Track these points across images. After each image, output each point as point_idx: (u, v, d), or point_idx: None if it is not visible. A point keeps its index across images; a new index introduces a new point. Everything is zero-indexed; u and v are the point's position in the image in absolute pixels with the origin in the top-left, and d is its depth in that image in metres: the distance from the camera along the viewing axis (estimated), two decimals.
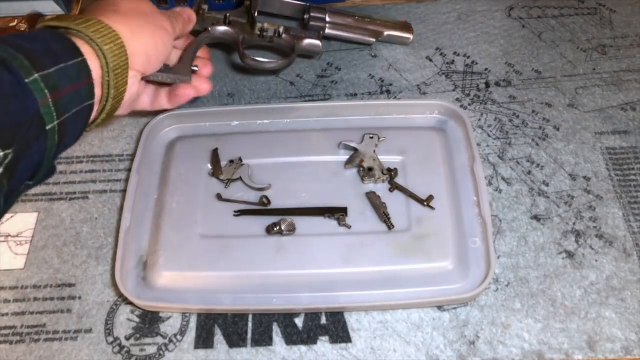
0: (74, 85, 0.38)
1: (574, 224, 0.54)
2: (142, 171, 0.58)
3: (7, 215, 0.58)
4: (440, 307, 0.50)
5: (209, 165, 0.58)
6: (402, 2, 0.75)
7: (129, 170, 0.60)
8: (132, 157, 0.61)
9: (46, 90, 0.35)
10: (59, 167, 0.62)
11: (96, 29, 0.40)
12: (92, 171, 0.61)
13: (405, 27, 0.68)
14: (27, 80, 0.34)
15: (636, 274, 0.51)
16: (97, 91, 0.40)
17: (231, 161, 0.58)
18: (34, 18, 0.72)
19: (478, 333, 0.49)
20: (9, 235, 0.57)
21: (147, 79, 0.49)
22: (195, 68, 0.55)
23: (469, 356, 0.48)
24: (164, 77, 0.51)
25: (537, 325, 0.49)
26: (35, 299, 0.53)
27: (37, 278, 0.54)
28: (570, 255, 0.53)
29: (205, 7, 0.59)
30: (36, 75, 0.35)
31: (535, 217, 0.55)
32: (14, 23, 0.70)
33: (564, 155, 0.59)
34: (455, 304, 0.50)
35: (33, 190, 0.60)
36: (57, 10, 0.75)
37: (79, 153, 0.63)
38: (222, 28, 0.60)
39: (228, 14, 0.60)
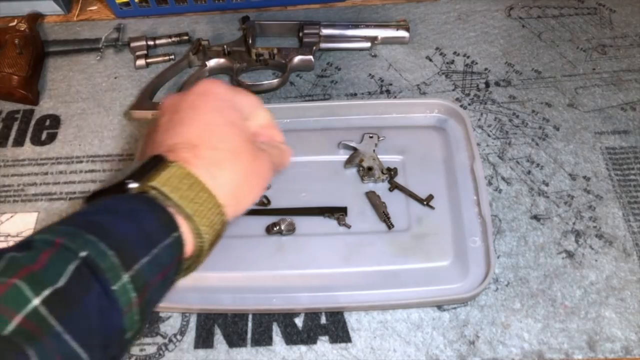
0: (164, 271, 0.33)
1: (574, 224, 0.54)
2: None
3: (7, 215, 0.58)
4: (440, 307, 0.50)
5: None
6: (402, 2, 0.75)
7: None
8: (132, 157, 0.61)
9: (134, 295, 0.30)
10: (59, 167, 0.62)
11: (198, 208, 0.34)
12: (92, 171, 0.61)
13: (401, 26, 0.68)
14: (114, 287, 0.29)
15: (636, 274, 0.51)
16: (185, 261, 0.35)
17: None
18: (34, 18, 0.72)
19: (478, 333, 0.49)
20: (9, 235, 0.57)
21: None
22: None
23: (469, 356, 0.48)
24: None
25: (537, 325, 0.49)
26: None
27: None
28: (570, 255, 0.53)
29: (206, 42, 0.67)
30: (125, 277, 0.30)
31: (535, 217, 0.55)
32: (14, 23, 0.70)
33: (564, 155, 0.59)
34: (455, 303, 0.50)
35: (33, 190, 0.60)
36: (57, 10, 0.75)
37: (79, 153, 0.63)
38: (216, 61, 0.67)
39: (226, 46, 0.67)
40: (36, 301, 0.27)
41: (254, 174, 0.40)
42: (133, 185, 0.34)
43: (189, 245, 0.35)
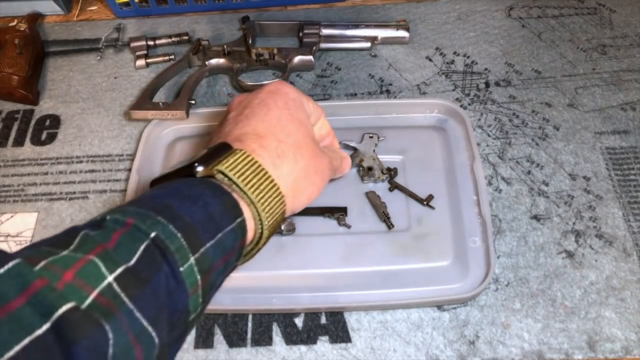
0: (227, 256, 0.34)
1: (574, 224, 0.54)
2: (142, 171, 0.58)
3: (7, 215, 0.58)
4: (440, 307, 0.50)
5: None
6: (402, 2, 0.75)
7: (129, 170, 0.60)
8: (132, 157, 0.61)
9: (199, 276, 0.31)
10: (59, 167, 0.62)
11: (261, 194, 0.36)
12: (92, 171, 0.61)
13: (401, 26, 0.68)
14: (181, 269, 0.30)
15: (636, 274, 0.51)
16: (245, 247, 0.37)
17: None
18: (34, 18, 0.72)
19: (478, 333, 0.49)
20: (9, 235, 0.57)
21: None
22: (193, 102, 0.60)
23: (469, 356, 0.48)
24: None
25: (537, 325, 0.49)
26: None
27: None
28: (570, 255, 0.53)
29: (206, 42, 0.67)
30: (192, 259, 0.31)
31: (535, 217, 0.55)
32: (14, 23, 0.70)
33: (564, 155, 0.59)
34: (455, 303, 0.50)
35: (33, 190, 0.60)
36: (57, 10, 0.75)
37: (79, 153, 0.63)
38: (216, 61, 0.67)
39: (226, 46, 0.67)
40: (110, 278, 0.27)
41: (314, 171, 0.41)
42: (200, 168, 0.35)
43: (250, 232, 0.36)
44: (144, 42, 0.70)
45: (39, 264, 0.26)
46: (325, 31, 0.69)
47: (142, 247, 0.29)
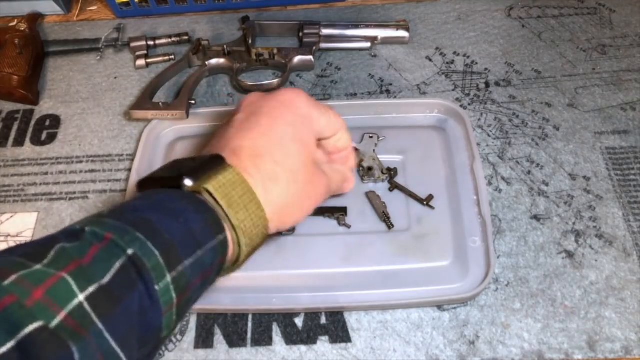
0: (206, 272, 0.33)
1: (574, 224, 0.54)
2: (142, 171, 0.58)
3: (7, 215, 0.58)
4: (440, 307, 0.50)
5: None
6: (402, 2, 0.75)
7: (129, 170, 0.60)
8: (132, 157, 0.61)
9: (174, 294, 0.30)
10: (59, 167, 0.62)
11: (244, 219, 0.35)
12: (92, 171, 0.61)
13: (401, 26, 0.68)
14: (157, 287, 0.29)
15: (636, 274, 0.51)
16: (225, 263, 0.36)
17: None
18: (34, 18, 0.72)
19: (478, 333, 0.49)
20: (9, 235, 0.57)
21: None
22: (193, 102, 0.60)
23: (469, 356, 0.48)
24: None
25: (537, 325, 0.49)
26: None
27: None
28: (570, 255, 0.53)
29: (206, 42, 0.67)
30: (169, 277, 0.30)
31: (535, 217, 0.55)
32: (14, 23, 0.70)
33: (564, 155, 0.59)
34: (455, 303, 0.50)
35: (33, 190, 0.60)
36: (57, 10, 0.75)
37: (79, 153, 0.63)
38: (216, 61, 0.67)
39: (226, 46, 0.67)
40: (81, 297, 0.27)
41: (306, 197, 0.40)
42: (189, 183, 0.34)
43: (230, 250, 0.35)
44: (144, 42, 0.70)
45: (10, 277, 0.26)
46: (325, 31, 0.69)
47: (118, 264, 0.28)
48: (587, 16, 0.72)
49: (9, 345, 0.24)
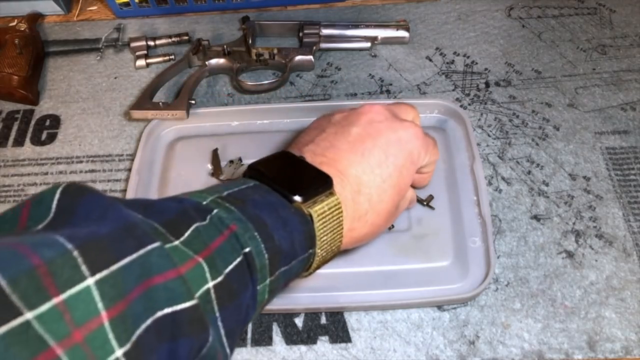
0: (290, 279, 0.35)
1: (574, 224, 0.54)
2: (142, 171, 0.58)
3: None
4: (440, 307, 0.50)
5: (209, 166, 0.58)
6: (402, 2, 0.75)
7: (129, 170, 0.60)
8: (132, 157, 0.61)
9: (266, 297, 0.32)
10: (59, 167, 0.62)
11: (326, 242, 0.36)
12: (92, 171, 0.61)
13: (401, 26, 0.69)
14: (258, 288, 0.31)
15: (636, 274, 0.51)
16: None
17: (231, 161, 0.58)
18: (34, 18, 0.72)
19: (478, 333, 0.49)
20: None
21: None
22: (193, 102, 0.60)
23: (469, 356, 0.48)
24: None
25: (537, 325, 0.49)
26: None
27: None
28: (570, 255, 0.53)
29: (206, 42, 0.67)
30: (267, 281, 0.32)
31: (535, 217, 0.55)
32: (14, 23, 0.70)
33: (564, 155, 0.59)
34: (455, 304, 0.50)
35: (33, 190, 0.60)
36: (57, 10, 0.75)
37: (79, 153, 0.63)
38: (216, 61, 0.67)
39: (226, 46, 0.67)
40: (210, 284, 0.28)
41: (378, 230, 0.42)
42: (298, 199, 0.35)
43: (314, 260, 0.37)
44: (144, 42, 0.70)
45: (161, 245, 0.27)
46: (325, 31, 0.69)
47: (237, 260, 0.30)
48: (587, 16, 0.72)
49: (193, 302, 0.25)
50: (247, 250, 0.30)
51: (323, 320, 0.50)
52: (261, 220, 0.32)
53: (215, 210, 0.31)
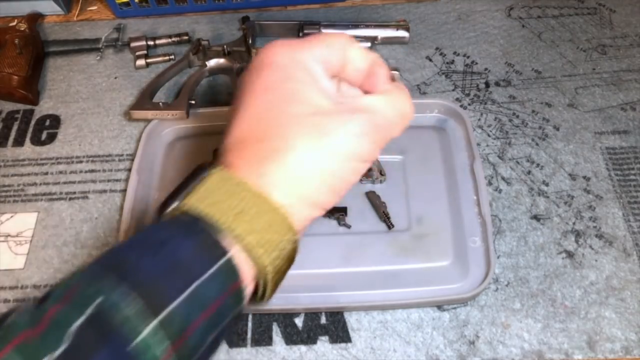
0: (213, 306, 0.27)
1: (574, 224, 0.54)
2: (142, 171, 0.58)
3: (7, 215, 0.58)
4: (440, 307, 0.50)
5: None
6: (402, 2, 0.75)
7: (129, 170, 0.60)
8: (132, 157, 0.61)
9: (167, 343, 0.25)
10: (59, 167, 0.62)
11: (242, 217, 0.27)
12: (92, 171, 0.61)
13: (401, 26, 0.68)
14: (134, 343, 0.24)
15: (636, 274, 0.51)
16: (249, 290, 0.29)
17: None
18: (34, 18, 0.72)
19: (478, 333, 0.49)
20: (9, 235, 0.57)
21: None
22: (193, 102, 0.60)
23: (469, 356, 0.48)
24: None
25: (537, 325, 0.49)
26: (35, 299, 0.53)
27: (37, 278, 0.54)
28: (570, 255, 0.53)
29: (206, 42, 0.67)
30: (152, 325, 0.24)
31: (535, 217, 0.55)
32: (14, 23, 0.70)
33: (564, 155, 0.59)
34: (455, 303, 0.50)
35: (33, 190, 0.60)
36: (57, 10, 0.75)
37: (79, 153, 0.63)
38: (216, 61, 0.67)
39: (226, 46, 0.67)
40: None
41: (328, 155, 0.30)
42: (172, 206, 0.29)
43: (246, 267, 0.28)
44: (144, 42, 0.70)
45: None
46: (325, 31, 0.69)
47: (74, 328, 0.24)
48: (587, 16, 0.72)
49: None
50: (88, 311, 0.24)
51: (323, 320, 0.50)
52: (120, 259, 0.26)
53: (61, 283, 0.27)
